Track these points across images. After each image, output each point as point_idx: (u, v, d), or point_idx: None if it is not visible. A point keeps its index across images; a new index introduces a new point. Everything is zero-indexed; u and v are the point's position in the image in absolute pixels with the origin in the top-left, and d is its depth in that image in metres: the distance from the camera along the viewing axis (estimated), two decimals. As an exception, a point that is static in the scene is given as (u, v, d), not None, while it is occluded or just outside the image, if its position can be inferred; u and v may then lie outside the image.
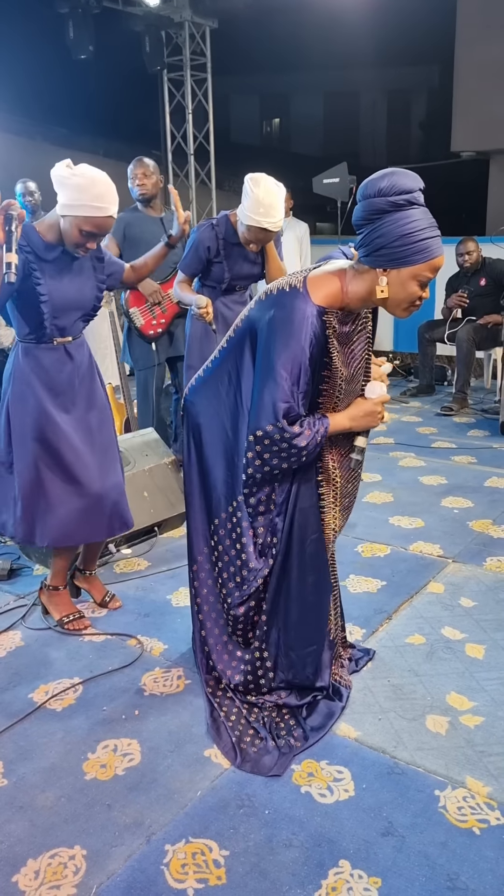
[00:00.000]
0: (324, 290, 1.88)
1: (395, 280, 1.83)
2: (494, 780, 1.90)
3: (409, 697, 2.24)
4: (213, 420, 2.14)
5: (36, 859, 1.70)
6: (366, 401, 2.03)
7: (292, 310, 1.86)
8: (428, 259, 1.80)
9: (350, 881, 1.62)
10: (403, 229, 1.77)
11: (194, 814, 1.82)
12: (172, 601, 2.88)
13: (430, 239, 1.80)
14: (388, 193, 1.78)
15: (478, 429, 5.31)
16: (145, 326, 3.89)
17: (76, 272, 2.46)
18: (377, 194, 1.78)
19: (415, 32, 13.37)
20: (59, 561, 2.71)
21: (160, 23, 8.77)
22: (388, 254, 1.80)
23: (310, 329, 1.86)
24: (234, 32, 10.06)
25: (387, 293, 1.85)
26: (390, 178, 1.79)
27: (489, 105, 9.99)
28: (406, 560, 3.18)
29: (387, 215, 1.78)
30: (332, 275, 1.91)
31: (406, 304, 1.88)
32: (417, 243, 1.78)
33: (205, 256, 3.21)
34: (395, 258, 1.80)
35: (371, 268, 1.85)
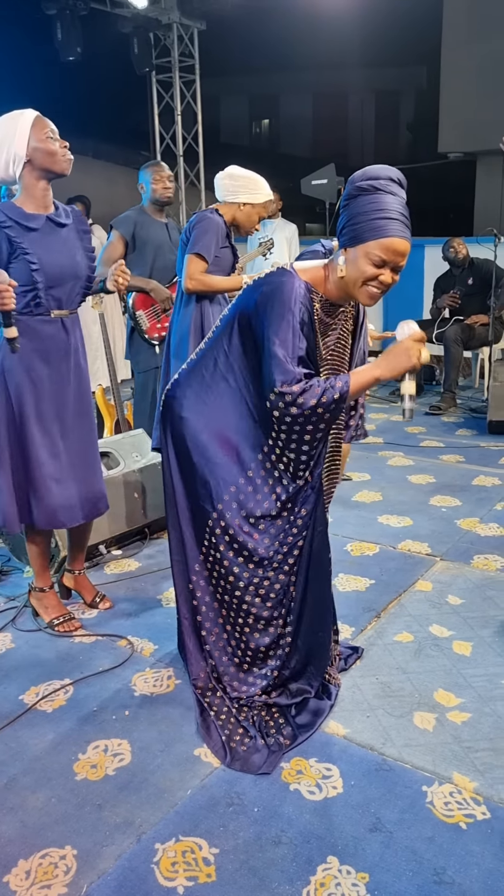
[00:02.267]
0: (309, 274, 1.96)
1: (350, 258, 1.89)
2: (481, 776, 1.92)
3: (397, 695, 2.27)
4: (199, 409, 2.11)
5: (27, 860, 1.71)
6: (395, 344, 1.94)
7: (281, 283, 1.93)
8: (378, 237, 1.83)
9: (338, 877, 1.64)
10: (361, 209, 1.85)
11: (184, 812, 1.84)
12: (163, 602, 2.89)
13: (384, 220, 1.83)
14: (356, 180, 1.88)
15: (466, 428, 5.35)
16: (150, 329, 3.91)
17: (64, 241, 2.49)
18: (349, 183, 1.89)
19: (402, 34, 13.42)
20: (33, 559, 2.71)
21: (148, 24, 8.77)
22: (347, 232, 1.88)
23: (299, 298, 1.91)
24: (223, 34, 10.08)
25: (344, 272, 1.90)
26: (365, 168, 1.89)
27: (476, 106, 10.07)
28: (394, 558, 3.20)
29: (352, 199, 1.87)
30: (316, 266, 1.99)
31: (359, 283, 1.89)
32: (370, 221, 1.83)
33: (220, 241, 3.20)
34: (352, 236, 1.87)
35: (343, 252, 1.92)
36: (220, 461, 2.08)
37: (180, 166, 9.40)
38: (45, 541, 2.72)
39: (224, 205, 3.21)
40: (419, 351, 1.88)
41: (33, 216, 2.42)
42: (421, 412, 5.81)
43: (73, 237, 2.53)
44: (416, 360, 1.87)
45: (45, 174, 2.42)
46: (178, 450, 2.15)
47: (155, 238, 3.89)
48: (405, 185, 1.91)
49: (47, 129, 2.39)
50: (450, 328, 5.89)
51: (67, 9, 7.96)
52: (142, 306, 3.90)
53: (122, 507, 3.34)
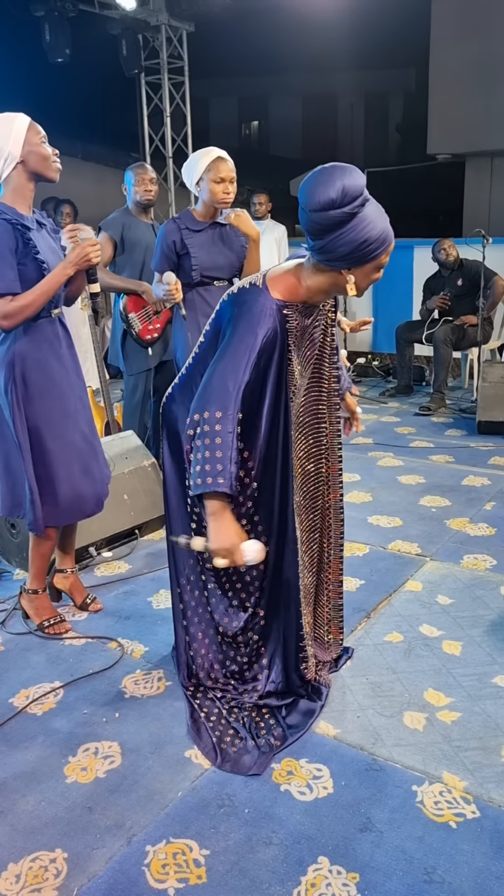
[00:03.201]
0: (282, 285, 1.92)
1: (359, 275, 1.88)
2: (470, 775, 1.93)
3: (388, 694, 2.27)
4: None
5: (17, 863, 1.71)
6: (238, 542, 1.84)
7: (252, 304, 1.90)
8: (386, 248, 1.85)
9: (329, 877, 1.64)
10: (363, 235, 1.78)
11: (175, 814, 1.83)
12: (153, 604, 2.89)
13: (385, 230, 1.82)
14: (343, 203, 1.74)
15: (455, 428, 5.37)
16: (143, 332, 3.91)
17: (46, 240, 2.51)
18: (331, 207, 1.74)
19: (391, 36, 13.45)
20: (37, 560, 2.71)
21: (137, 26, 8.76)
22: (353, 258, 1.82)
23: (268, 321, 1.89)
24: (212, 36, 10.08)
25: (355, 290, 1.90)
26: (338, 184, 1.73)
27: (464, 108, 10.11)
28: (384, 559, 3.21)
29: (345, 225, 1.76)
30: (288, 272, 1.95)
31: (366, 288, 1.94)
32: (376, 240, 1.80)
33: (171, 250, 3.18)
34: (360, 259, 1.83)
35: (332, 269, 1.88)
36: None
37: (169, 168, 9.40)
38: (53, 543, 2.72)
39: (199, 202, 3.20)
40: (233, 561, 1.84)
41: (26, 217, 2.43)
42: (411, 413, 5.83)
43: (52, 238, 2.57)
44: (225, 561, 1.84)
45: (34, 177, 2.43)
46: (178, 462, 2.17)
47: (143, 239, 3.89)
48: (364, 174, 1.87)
49: (41, 135, 2.41)
50: (439, 329, 5.91)
51: (55, 10, 7.94)
52: (134, 308, 3.89)
53: (112, 508, 3.33)
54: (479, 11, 9.73)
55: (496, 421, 5.06)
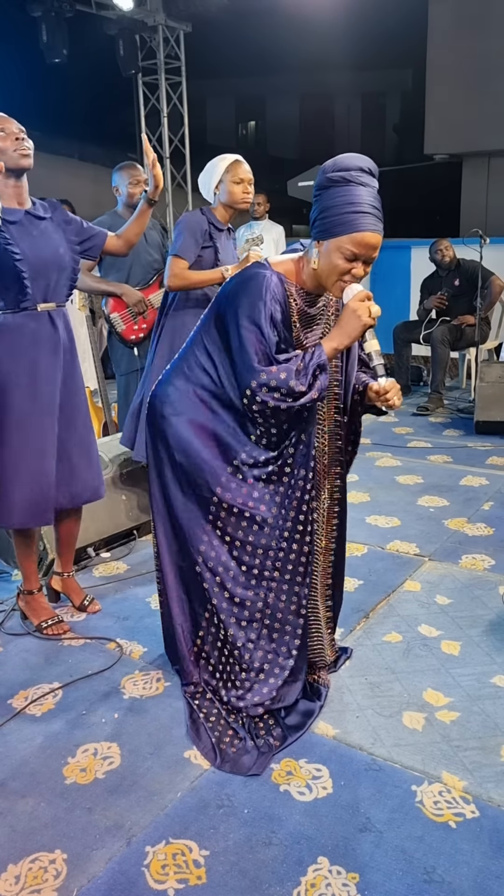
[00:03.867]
0: (283, 265, 1.98)
1: (323, 252, 1.89)
2: (470, 775, 1.93)
3: (387, 695, 2.27)
4: (183, 403, 2.09)
5: (16, 864, 1.70)
6: (346, 311, 1.92)
7: (254, 275, 1.94)
8: (349, 231, 1.83)
9: (329, 877, 1.64)
10: (333, 202, 1.84)
11: (174, 815, 1.83)
12: (151, 604, 2.89)
13: (356, 213, 1.82)
14: (328, 170, 1.86)
15: (453, 428, 5.37)
16: (126, 332, 3.89)
17: (43, 232, 2.49)
18: (321, 172, 1.87)
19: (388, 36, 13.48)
20: (22, 561, 2.71)
21: (134, 26, 8.77)
22: (319, 225, 1.88)
23: (271, 285, 1.91)
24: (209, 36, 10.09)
25: (317, 265, 1.91)
26: (336, 158, 1.87)
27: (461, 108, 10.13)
28: (383, 559, 3.21)
29: (324, 191, 1.87)
30: (289, 259, 2.01)
31: (333, 278, 1.90)
32: (342, 215, 1.83)
33: (200, 240, 3.18)
34: (324, 229, 1.87)
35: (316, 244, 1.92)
36: (207, 454, 2.06)
37: (167, 168, 9.40)
38: (31, 542, 2.71)
39: (215, 206, 3.21)
40: (367, 308, 1.88)
41: (10, 210, 2.40)
42: (409, 413, 5.83)
43: (54, 229, 2.53)
44: (368, 318, 1.88)
45: (5, 172, 2.38)
46: (166, 447, 2.12)
47: None
48: (377, 174, 1.90)
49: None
50: (437, 329, 5.92)
51: (53, 11, 7.95)
52: (116, 309, 3.89)
53: (110, 509, 3.33)
54: (476, 12, 9.75)
55: (494, 421, 5.07)
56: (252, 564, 2.08)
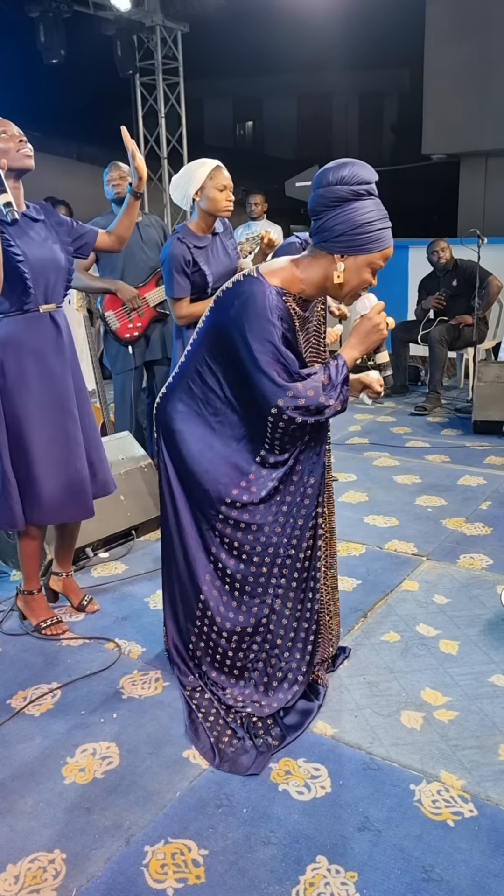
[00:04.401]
0: (278, 275, 1.94)
1: (351, 267, 1.90)
2: (468, 774, 1.93)
3: (385, 694, 2.28)
4: (193, 420, 2.11)
5: (16, 864, 1.71)
6: (363, 320, 1.99)
7: (252, 293, 1.92)
8: (383, 248, 1.89)
9: (327, 876, 1.65)
10: (363, 218, 1.85)
11: (173, 814, 1.84)
12: (150, 604, 2.89)
13: (385, 229, 1.89)
14: (351, 182, 1.85)
15: (451, 428, 5.38)
16: (121, 330, 3.89)
17: (38, 233, 2.50)
18: (339, 182, 1.85)
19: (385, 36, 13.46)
20: (24, 561, 2.71)
21: (131, 27, 8.77)
22: (348, 241, 1.87)
23: (273, 304, 1.91)
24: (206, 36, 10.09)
25: (342, 279, 1.91)
26: (351, 167, 1.87)
27: (458, 108, 10.13)
28: (381, 559, 3.21)
29: (347, 203, 1.86)
30: (283, 266, 1.98)
31: (357, 290, 1.96)
32: (375, 232, 1.87)
33: (188, 270, 3.15)
34: (354, 245, 1.87)
35: (327, 254, 1.91)
36: (218, 469, 2.08)
37: (164, 169, 9.41)
38: (38, 543, 2.71)
39: (193, 216, 3.18)
40: (385, 322, 1.98)
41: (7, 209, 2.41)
42: (406, 413, 5.84)
43: (48, 231, 2.55)
44: (386, 331, 1.98)
45: (6, 173, 2.39)
46: (175, 462, 2.15)
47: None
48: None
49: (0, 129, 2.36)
50: (435, 329, 5.92)
51: (50, 11, 7.95)
52: (110, 307, 3.89)
53: (109, 509, 3.34)
54: (474, 12, 9.75)
55: (492, 420, 5.07)
56: (259, 573, 2.10)
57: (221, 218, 3.23)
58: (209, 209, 3.10)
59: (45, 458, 2.53)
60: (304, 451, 2.05)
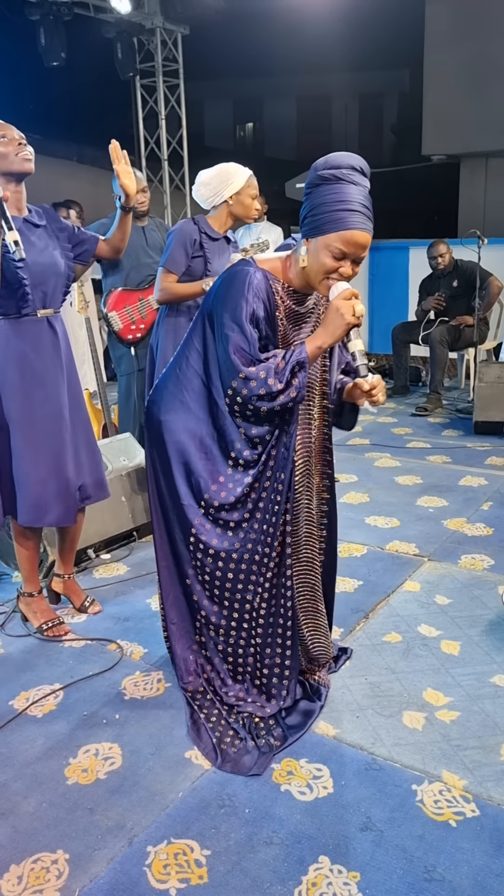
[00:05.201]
0: (269, 263, 1.98)
1: (312, 249, 1.89)
2: (470, 774, 1.94)
3: (387, 694, 2.28)
4: (176, 408, 2.10)
5: (19, 864, 1.71)
6: (329, 310, 1.91)
7: (236, 273, 1.95)
8: (338, 229, 1.82)
9: (330, 876, 1.65)
10: (323, 199, 1.84)
11: (176, 815, 1.84)
12: (151, 605, 2.90)
13: (346, 212, 1.82)
14: (319, 168, 1.85)
15: (452, 428, 5.38)
16: (123, 331, 3.90)
17: (39, 239, 2.50)
18: (313, 171, 1.87)
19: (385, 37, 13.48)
20: (22, 563, 2.72)
21: (132, 29, 8.78)
22: (309, 223, 1.88)
23: (254, 282, 1.92)
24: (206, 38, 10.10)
25: (306, 262, 1.91)
26: (328, 156, 1.87)
27: (458, 109, 10.13)
28: (382, 559, 3.22)
29: (315, 188, 1.86)
30: (277, 256, 2.01)
31: (320, 276, 1.89)
32: (332, 213, 1.82)
33: (190, 250, 3.19)
34: (313, 226, 1.87)
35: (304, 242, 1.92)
36: (199, 461, 2.07)
37: (165, 171, 9.42)
38: (34, 544, 2.72)
39: (214, 213, 3.21)
40: (352, 307, 1.86)
41: (13, 217, 2.42)
42: (407, 413, 5.84)
43: (49, 237, 2.55)
44: (352, 317, 1.86)
45: (6, 177, 2.40)
46: (160, 452, 2.14)
47: (131, 245, 3.87)
48: (368, 174, 1.90)
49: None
50: (435, 329, 5.93)
51: (51, 14, 7.96)
52: (115, 307, 3.90)
53: (111, 510, 3.34)
54: (473, 13, 9.76)
55: (493, 421, 5.08)
56: (239, 570, 2.10)
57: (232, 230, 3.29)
58: (240, 214, 3.19)
59: (40, 463, 2.53)
60: (275, 446, 2.04)
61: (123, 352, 4.00)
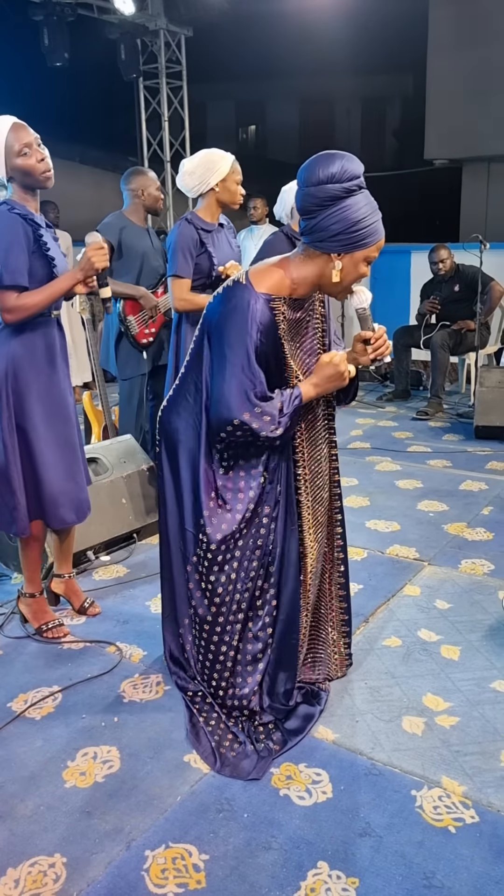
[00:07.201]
0: (267, 281, 1.93)
1: (348, 263, 1.89)
2: (469, 780, 1.93)
3: (386, 699, 2.27)
4: (188, 433, 2.11)
5: (16, 868, 1.70)
6: (328, 366, 1.98)
7: (236, 301, 1.92)
8: (378, 241, 1.88)
9: (328, 882, 1.64)
10: (357, 215, 1.83)
11: (174, 819, 1.83)
12: (151, 608, 2.89)
13: (377, 222, 1.87)
14: (342, 179, 1.82)
15: (453, 433, 5.38)
16: (139, 335, 3.93)
17: (54, 242, 2.53)
18: (330, 180, 1.82)
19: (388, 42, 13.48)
20: (26, 564, 2.71)
21: (135, 31, 8.79)
22: (345, 240, 1.85)
23: (256, 315, 1.90)
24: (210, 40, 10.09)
25: (340, 277, 1.90)
26: (340, 162, 1.83)
27: (461, 113, 10.15)
28: (383, 563, 3.21)
29: (340, 201, 1.83)
30: (273, 265, 1.96)
31: (349, 287, 1.95)
32: (370, 227, 1.85)
33: (194, 252, 3.17)
34: (352, 242, 1.85)
35: (321, 253, 1.89)
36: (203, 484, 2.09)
37: (167, 172, 9.42)
38: (39, 545, 2.71)
39: (202, 204, 3.21)
40: (347, 371, 2.00)
41: (37, 216, 2.47)
42: (408, 417, 5.84)
43: (55, 242, 2.57)
44: (345, 382, 2.01)
45: (26, 188, 2.44)
46: (174, 474, 2.15)
47: (140, 244, 3.90)
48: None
49: (22, 143, 2.35)
50: (437, 334, 5.92)
51: (54, 15, 7.96)
52: (132, 312, 3.91)
53: (111, 512, 3.34)
54: (476, 18, 9.77)
55: (493, 426, 5.07)
56: (250, 567, 2.09)
57: (223, 213, 3.28)
58: (226, 200, 3.18)
59: (58, 463, 2.55)
60: (276, 463, 2.06)
61: (132, 354, 4.00)
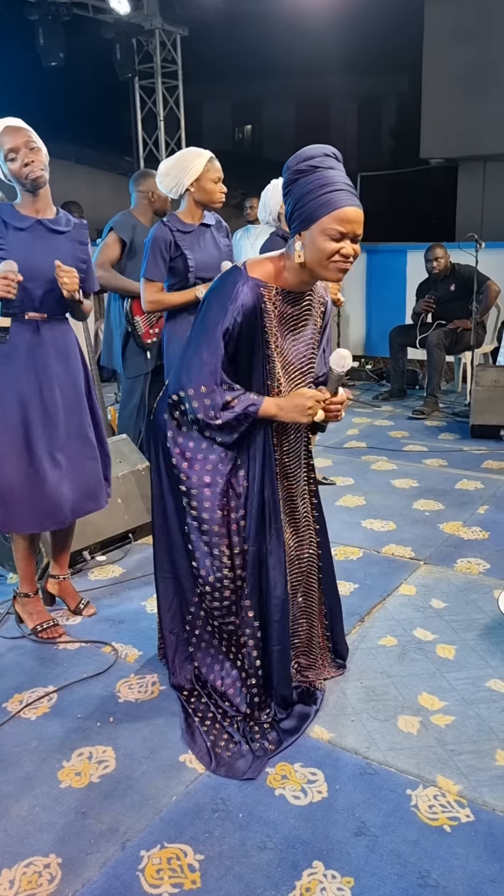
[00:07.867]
0: (262, 268, 1.96)
1: (308, 242, 1.87)
2: (464, 779, 1.93)
3: (382, 698, 2.27)
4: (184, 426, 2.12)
5: (10, 869, 1.70)
6: (299, 396, 1.98)
7: (225, 282, 1.96)
8: (330, 210, 1.82)
9: (323, 881, 1.64)
10: (306, 188, 1.84)
11: (169, 819, 1.83)
12: (147, 608, 2.89)
13: (332, 192, 1.82)
14: (293, 164, 1.86)
15: (448, 432, 5.38)
16: (145, 335, 3.93)
17: (51, 245, 2.49)
18: (286, 171, 1.88)
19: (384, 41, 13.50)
20: (19, 563, 2.71)
21: (131, 30, 8.79)
22: (297, 217, 1.87)
23: (239, 297, 1.92)
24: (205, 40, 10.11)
25: (303, 257, 1.89)
26: (298, 152, 1.87)
27: (457, 112, 10.16)
28: (378, 563, 3.21)
29: (294, 184, 1.86)
30: (271, 257, 2.00)
31: (326, 263, 1.87)
32: (319, 197, 1.82)
33: (164, 253, 3.13)
34: (303, 217, 1.85)
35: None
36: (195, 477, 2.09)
37: (164, 172, 9.41)
38: (31, 545, 2.70)
39: (183, 206, 3.18)
40: (315, 412, 1.99)
41: (25, 217, 2.46)
42: (404, 417, 5.84)
43: (66, 245, 2.54)
44: (308, 419, 1.99)
45: (23, 190, 2.45)
46: (168, 466, 2.14)
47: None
48: (341, 159, 1.90)
49: (7, 148, 2.37)
50: (433, 333, 5.93)
51: (50, 14, 7.97)
52: (139, 311, 3.91)
53: (106, 512, 3.32)
54: (472, 16, 9.79)
55: (489, 425, 5.08)
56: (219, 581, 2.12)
57: (215, 213, 3.24)
58: (203, 200, 3.12)
59: (14, 469, 2.49)
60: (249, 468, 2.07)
61: (137, 354, 4.00)
